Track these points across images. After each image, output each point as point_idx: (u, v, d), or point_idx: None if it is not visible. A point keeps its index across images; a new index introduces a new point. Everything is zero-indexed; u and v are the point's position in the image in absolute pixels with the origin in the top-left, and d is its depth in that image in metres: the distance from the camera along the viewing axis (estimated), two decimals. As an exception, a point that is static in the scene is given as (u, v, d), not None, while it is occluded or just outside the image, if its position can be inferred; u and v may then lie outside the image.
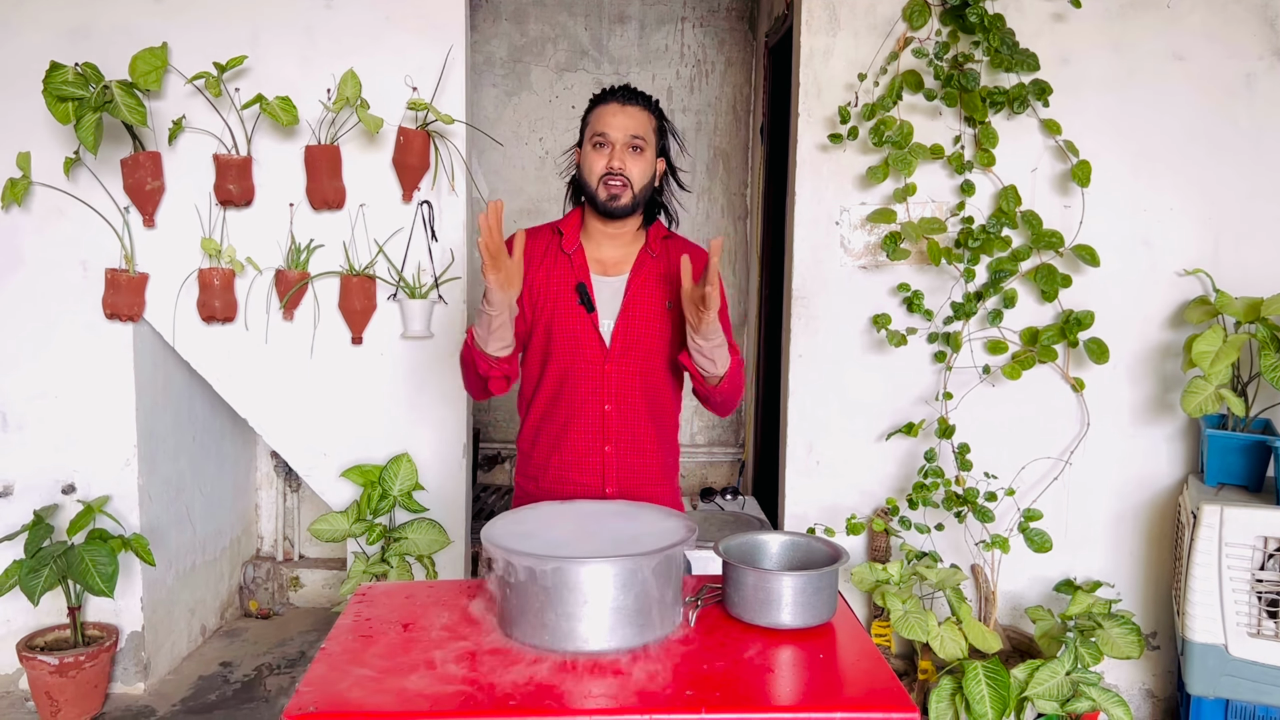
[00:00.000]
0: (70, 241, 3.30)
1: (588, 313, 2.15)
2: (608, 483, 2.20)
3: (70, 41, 3.23)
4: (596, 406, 2.17)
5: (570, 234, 2.22)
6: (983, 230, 3.10)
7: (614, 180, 2.10)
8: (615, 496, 2.19)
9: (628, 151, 2.12)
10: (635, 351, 2.17)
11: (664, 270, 2.21)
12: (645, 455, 2.23)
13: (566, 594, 1.58)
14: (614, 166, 2.10)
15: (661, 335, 2.19)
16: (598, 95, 2.20)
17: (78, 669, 3.20)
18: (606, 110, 2.15)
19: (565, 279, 2.18)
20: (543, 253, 2.21)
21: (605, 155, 2.11)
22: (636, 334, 2.17)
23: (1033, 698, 2.76)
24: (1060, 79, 3.12)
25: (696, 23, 4.90)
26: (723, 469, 5.06)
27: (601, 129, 2.13)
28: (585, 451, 2.19)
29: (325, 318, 3.34)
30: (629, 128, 2.12)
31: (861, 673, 1.62)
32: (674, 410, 2.30)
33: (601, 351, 2.16)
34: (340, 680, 1.53)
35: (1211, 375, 2.84)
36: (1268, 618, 2.73)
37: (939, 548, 3.25)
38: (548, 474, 2.23)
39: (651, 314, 2.18)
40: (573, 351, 2.16)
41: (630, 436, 2.20)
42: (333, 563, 4.36)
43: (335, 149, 3.24)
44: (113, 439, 3.37)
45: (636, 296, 2.18)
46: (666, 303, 2.19)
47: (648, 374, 2.19)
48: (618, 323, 2.17)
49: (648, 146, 2.15)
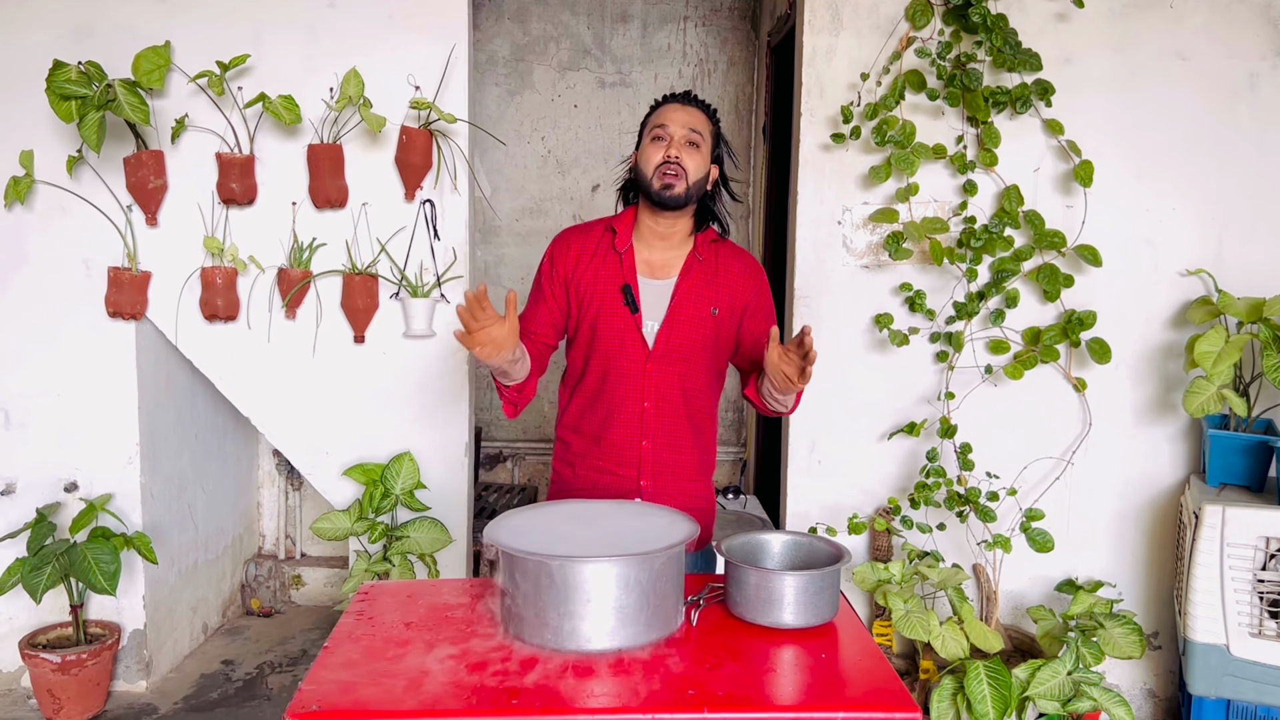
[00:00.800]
0: (73, 240, 3.31)
1: (632, 314, 2.22)
2: (643, 475, 2.27)
3: (73, 40, 3.23)
4: (636, 404, 2.25)
5: (623, 233, 2.27)
6: (985, 230, 3.10)
7: (669, 169, 2.15)
8: (649, 490, 2.27)
9: (685, 145, 2.17)
10: (677, 354, 2.23)
11: (711, 274, 2.27)
12: (681, 452, 2.29)
13: (569, 593, 1.58)
14: (671, 155, 2.15)
15: (704, 340, 2.25)
16: (658, 100, 2.29)
17: (80, 667, 3.21)
18: (668, 108, 2.23)
19: (613, 279, 2.24)
20: (593, 250, 2.27)
21: (663, 146, 2.17)
22: (680, 338, 2.23)
23: (1034, 697, 2.76)
24: (1063, 79, 3.11)
25: (699, 22, 4.90)
26: (725, 468, 5.06)
27: (662, 122, 2.20)
28: (623, 445, 2.26)
29: (327, 316, 3.34)
30: (688, 122, 2.19)
31: (863, 672, 1.62)
32: (711, 410, 2.36)
33: (644, 352, 2.23)
34: (343, 679, 1.53)
35: (1214, 375, 2.84)
36: (1269, 618, 2.73)
37: (941, 547, 3.25)
38: (586, 462, 2.31)
39: (696, 319, 2.24)
40: (616, 350, 2.23)
41: (667, 433, 2.27)
42: (335, 561, 4.36)
43: (338, 148, 3.24)
44: (115, 437, 3.37)
45: (683, 301, 2.23)
46: (712, 309, 2.25)
47: (687, 375, 2.26)
48: (663, 326, 2.23)
49: (704, 145, 2.21)
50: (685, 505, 2.25)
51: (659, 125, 2.19)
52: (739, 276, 2.28)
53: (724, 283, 2.26)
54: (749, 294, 2.29)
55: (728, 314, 2.27)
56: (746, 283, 2.29)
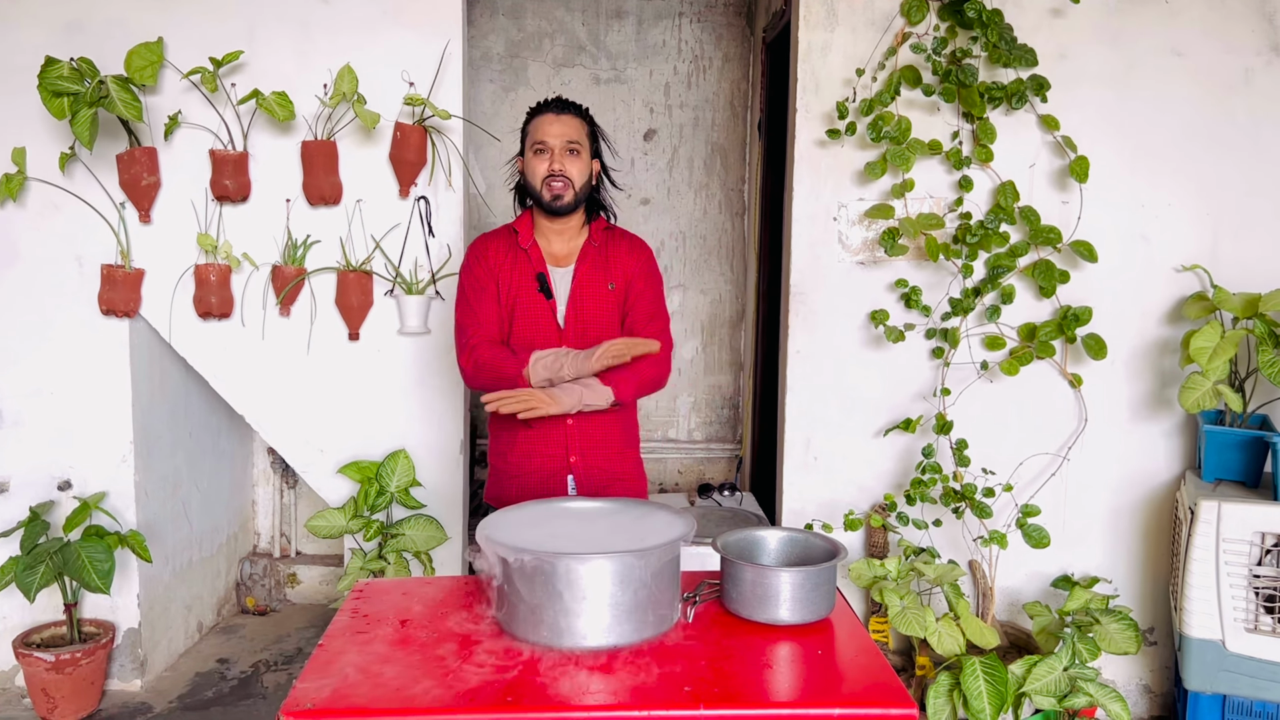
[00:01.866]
0: (66, 237, 3.29)
1: (547, 300, 2.43)
2: (571, 451, 2.45)
3: (65, 36, 3.21)
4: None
5: (525, 232, 2.49)
6: (981, 226, 3.10)
7: (556, 181, 2.37)
8: (579, 465, 2.45)
9: (566, 155, 2.39)
10: (588, 331, 2.43)
11: (606, 258, 2.49)
12: (605, 426, 2.47)
13: (565, 590, 1.58)
14: (555, 169, 2.37)
15: (608, 313, 2.47)
16: (533, 108, 2.47)
17: (74, 666, 3.20)
18: (543, 120, 2.42)
19: (526, 270, 2.46)
20: (505, 250, 2.49)
21: (546, 160, 2.38)
22: (588, 315, 2.45)
23: (1030, 693, 2.76)
24: (1058, 74, 3.11)
25: (694, 18, 4.89)
26: (720, 465, 5.06)
27: (540, 137, 2.40)
28: (548, 425, 2.42)
29: (322, 313, 3.33)
30: (565, 134, 2.39)
31: (860, 669, 1.62)
32: None
33: (557, 332, 2.43)
34: (338, 677, 1.53)
35: (1209, 371, 2.84)
36: (1265, 613, 2.73)
37: (937, 543, 3.25)
38: (515, 448, 2.47)
39: (597, 295, 2.46)
40: (532, 334, 2.42)
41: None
42: (330, 559, 4.35)
43: (332, 144, 3.23)
44: (109, 435, 3.36)
45: (583, 282, 2.46)
46: (609, 284, 2.47)
47: None
48: (569, 306, 2.45)
49: (583, 149, 2.43)
50: (619, 476, 2.49)
51: (538, 140, 2.39)
52: (626, 254, 2.51)
53: (615, 260, 2.49)
54: (635, 265, 2.51)
55: (623, 287, 2.49)
56: (634, 258, 2.51)
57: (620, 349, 2.24)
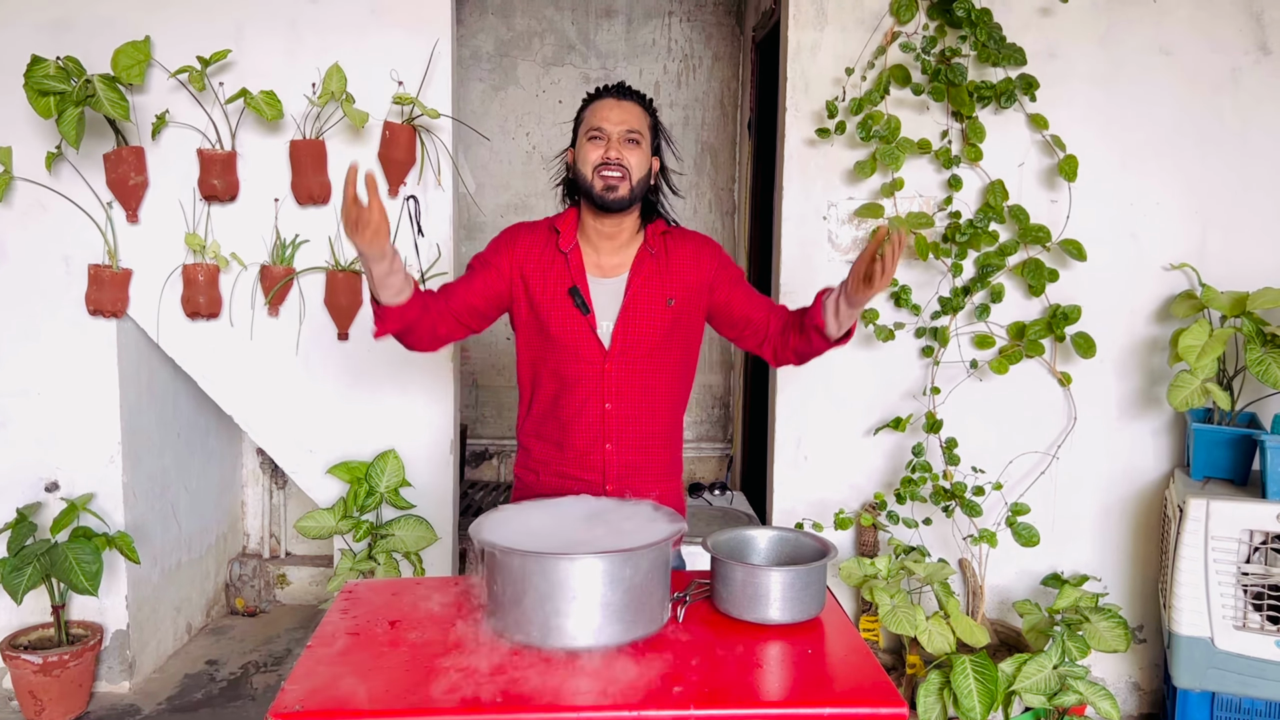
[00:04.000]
0: (53, 237, 3.27)
1: (583, 315, 2.15)
2: (608, 479, 2.20)
3: (52, 35, 3.19)
4: (597, 405, 2.18)
5: (567, 233, 2.20)
6: (970, 225, 3.11)
7: (610, 170, 2.08)
8: (615, 494, 2.18)
9: (624, 143, 2.11)
10: (636, 351, 2.17)
11: (664, 266, 2.20)
12: (647, 453, 2.23)
13: (554, 590, 1.57)
14: (611, 156, 2.08)
15: (663, 333, 2.18)
16: (592, 93, 2.20)
17: (62, 668, 3.18)
18: (602, 105, 2.14)
19: (561, 280, 2.17)
20: (540, 251, 2.20)
21: (601, 147, 2.10)
22: (637, 335, 2.16)
23: (1020, 691, 2.77)
24: (1047, 73, 3.12)
25: (684, 17, 4.89)
26: (711, 464, 5.06)
27: (598, 123, 2.12)
28: (586, 449, 2.20)
29: (311, 313, 3.32)
30: (625, 121, 2.12)
31: (850, 668, 1.62)
32: (678, 407, 2.30)
33: (600, 352, 2.16)
34: (326, 678, 1.52)
35: (1198, 369, 2.85)
36: (1253, 610, 2.74)
37: (927, 542, 3.26)
38: (549, 469, 2.24)
39: (652, 312, 2.17)
40: (571, 353, 2.16)
41: (631, 434, 2.20)
42: (320, 560, 4.34)
43: (320, 144, 3.22)
44: (96, 436, 3.34)
45: (636, 297, 2.17)
46: (667, 300, 2.18)
47: (649, 373, 2.19)
48: (617, 324, 2.16)
49: (643, 140, 2.14)
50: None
51: (595, 126, 2.12)
52: (693, 258, 2.22)
53: (678, 270, 2.20)
54: (709, 270, 2.23)
55: (685, 302, 2.20)
56: (702, 261, 2.22)
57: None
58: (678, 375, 2.25)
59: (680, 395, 2.29)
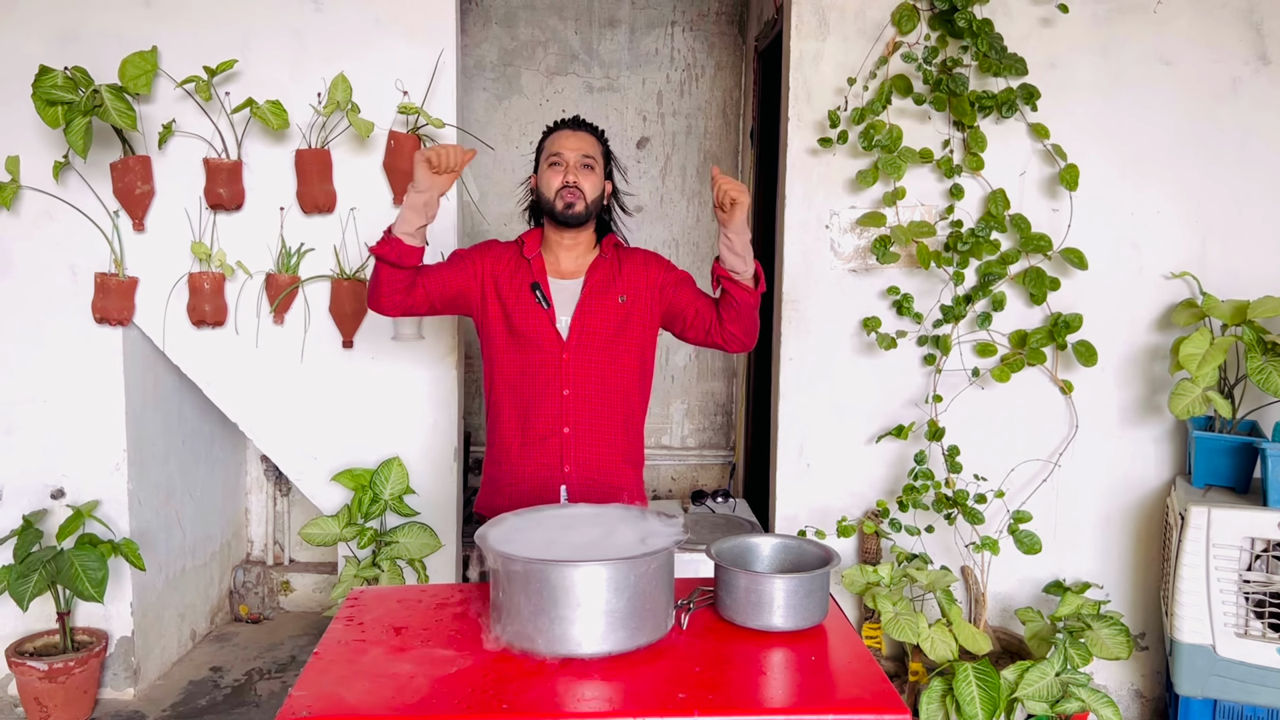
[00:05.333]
0: (60, 246, 3.29)
1: (544, 309, 2.41)
2: (565, 462, 2.41)
3: (59, 45, 3.21)
4: (555, 391, 2.41)
5: (530, 243, 2.51)
6: (972, 234, 3.12)
7: (569, 191, 2.38)
8: (573, 476, 2.41)
9: (580, 169, 2.41)
10: (592, 342, 2.42)
11: (616, 270, 2.48)
12: (605, 442, 2.44)
13: (559, 597, 1.58)
14: (569, 180, 2.39)
15: (616, 325, 2.44)
16: (550, 127, 2.50)
17: (67, 674, 3.19)
18: (560, 135, 2.45)
19: (525, 280, 2.45)
20: (509, 259, 2.49)
21: (560, 172, 2.40)
22: (593, 326, 2.42)
23: (1023, 699, 2.77)
24: (1048, 83, 3.13)
25: (686, 27, 4.91)
26: (713, 471, 5.06)
27: (556, 150, 2.43)
28: (545, 433, 2.41)
29: (316, 321, 3.34)
30: (580, 148, 2.43)
31: (853, 675, 1.62)
32: (637, 399, 2.52)
33: (559, 343, 2.41)
34: (333, 685, 1.53)
35: (1199, 378, 2.86)
36: (1255, 618, 2.75)
37: (929, 550, 3.26)
38: (510, 456, 2.45)
39: (605, 307, 2.43)
40: (533, 342, 2.41)
41: (589, 421, 2.42)
42: (323, 567, 4.35)
43: (326, 153, 3.23)
44: (102, 443, 3.36)
45: (591, 294, 2.44)
46: (619, 297, 2.45)
47: (604, 364, 2.43)
48: (574, 317, 2.42)
49: (597, 166, 2.45)
50: (616, 489, 2.42)
51: (554, 153, 2.42)
52: (641, 265, 2.50)
53: (628, 274, 2.47)
54: (658, 273, 2.49)
55: (635, 299, 2.45)
56: (651, 267, 2.50)
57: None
58: (634, 371, 2.48)
59: (636, 390, 2.50)
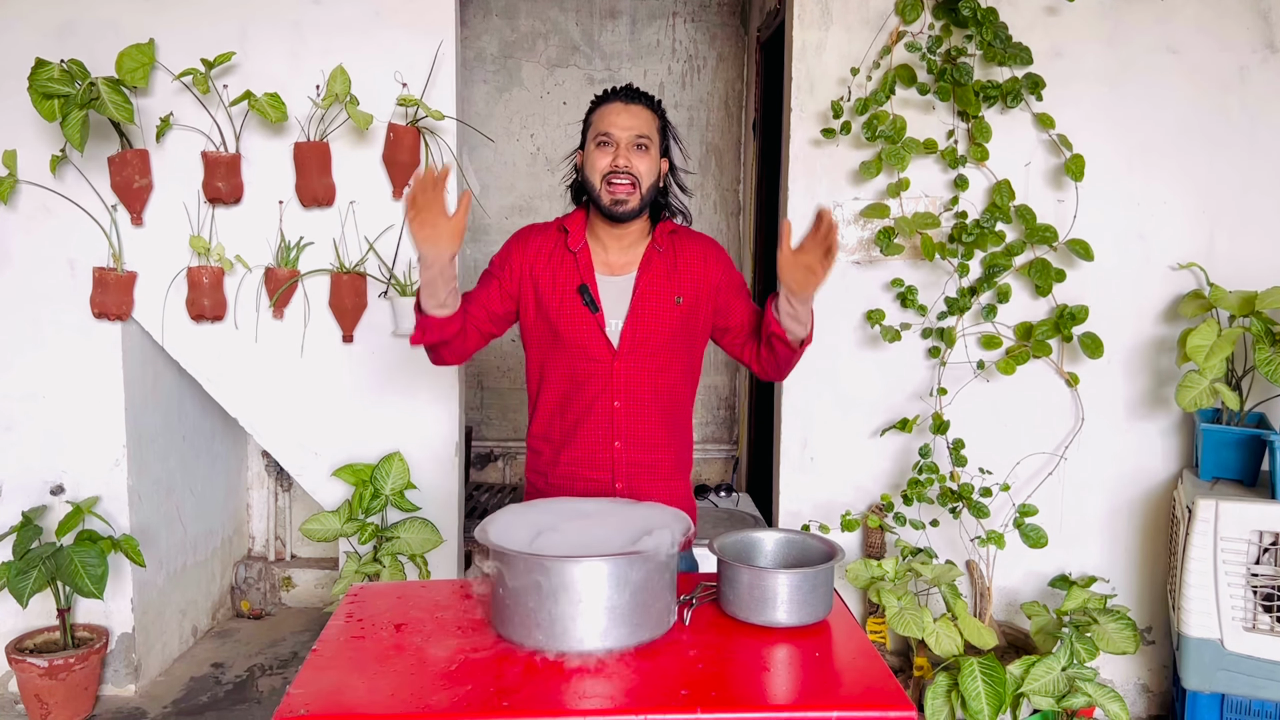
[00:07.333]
0: (57, 240, 3.27)
1: (593, 314, 2.17)
2: (617, 478, 2.21)
3: (56, 38, 3.19)
4: (606, 404, 2.19)
5: (576, 232, 2.22)
6: (976, 225, 3.09)
7: (619, 179, 2.09)
8: (624, 492, 2.19)
9: (633, 150, 2.11)
10: (644, 349, 2.18)
11: (671, 265, 2.21)
12: (655, 451, 2.23)
13: (561, 593, 1.57)
14: (619, 164, 2.09)
15: (671, 332, 2.20)
16: (599, 96, 2.20)
17: (67, 671, 3.18)
18: (610, 110, 2.14)
19: (570, 279, 2.19)
20: (550, 250, 2.22)
21: (610, 154, 2.11)
22: (645, 332, 2.18)
23: (1028, 694, 2.76)
24: (1053, 72, 3.11)
25: (688, 18, 4.88)
26: (717, 466, 5.05)
27: (605, 128, 2.12)
28: (595, 448, 2.20)
29: (315, 316, 3.32)
30: (633, 126, 2.12)
31: (858, 670, 1.61)
32: (686, 406, 2.31)
33: (609, 351, 2.17)
34: (332, 681, 1.52)
35: (1206, 369, 2.83)
36: (1263, 612, 2.73)
37: (934, 544, 3.25)
38: (557, 470, 2.24)
39: (660, 311, 2.19)
40: (580, 351, 2.18)
41: (640, 433, 2.21)
42: (325, 562, 4.34)
43: (325, 146, 3.21)
44: (102, 439, 3.34)
45: (644, 294, 2.18)
46: (675, 298, 2.20)
47: (657, 371, 2.21)
48: (626, 322, 2.18)
49: (652, 145, 2.14)
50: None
51: (603, 132, 2.12)
52: (699, 260, 2.24)
53: (685, 270, 2.21)
54: (715, 273, 2.25)
55: (694, 300, 2.22)
56: (709, 264, 2.25)
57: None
58: (685, 373, 2.27)
59: (688, 394, 2.30)
